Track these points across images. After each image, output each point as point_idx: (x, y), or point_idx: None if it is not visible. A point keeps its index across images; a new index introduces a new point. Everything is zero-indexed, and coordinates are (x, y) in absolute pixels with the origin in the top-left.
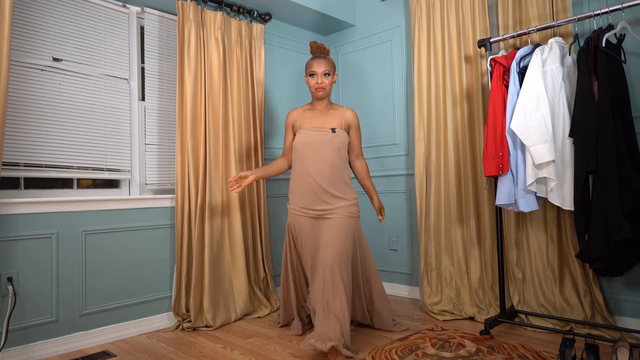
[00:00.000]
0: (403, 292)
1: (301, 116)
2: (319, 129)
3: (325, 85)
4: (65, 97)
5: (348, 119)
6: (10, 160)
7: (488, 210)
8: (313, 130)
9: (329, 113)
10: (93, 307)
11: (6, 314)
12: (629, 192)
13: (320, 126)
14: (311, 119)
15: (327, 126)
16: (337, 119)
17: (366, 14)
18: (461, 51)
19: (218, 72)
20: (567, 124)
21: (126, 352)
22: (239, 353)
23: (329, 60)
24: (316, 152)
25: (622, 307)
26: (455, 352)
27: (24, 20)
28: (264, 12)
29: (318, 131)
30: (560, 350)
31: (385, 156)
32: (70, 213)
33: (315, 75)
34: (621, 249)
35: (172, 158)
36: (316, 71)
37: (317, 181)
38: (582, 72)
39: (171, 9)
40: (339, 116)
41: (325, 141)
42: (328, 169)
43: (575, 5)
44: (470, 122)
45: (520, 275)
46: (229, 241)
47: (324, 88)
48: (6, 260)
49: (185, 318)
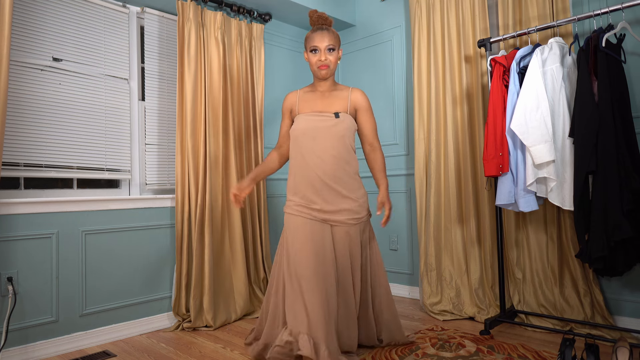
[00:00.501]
0: (403, 292)
1: (300, 99)
2: (320, 114)
3: (329, 62)
4: (65, 97)
5: (355, 101)
6: (10, 160)
7: (488, 210)
8: (313, 115)
9: (332, 95)
10: (93, 307)
11: (6, 314)
12: (629, 192)
13: (322, 110)
14: (312, 102)
15: (329, 110)
16: (342, 101)
17: (366, 14)
18: (461, 51)
19: (218, 72)
20: (567, 124)
21: (126, 352)
22: (239, 353)
23: (333, 32)
24: (316, 141)
25: (622, 307)
26: (455, 352)
27: (24, 20)
28: (264, 12)
29: (319, 116)
30: (560, 350)
31: (385, 156)
32: (70, 213)
33: (317, 51)
34: (621, 249)
35: (172, 158)
36: (319, 46)
37: (318, 175)
38: (582, 72)
39: (171, 9)
40: (344, 98)
41: (327, 127)
42: (330, 160)
43: (575, 5)
44: (470, 122)
45: (520, 275)
46: (229, 241)
47: (327, 66)
48: (6, 260)
49: (185, 318)
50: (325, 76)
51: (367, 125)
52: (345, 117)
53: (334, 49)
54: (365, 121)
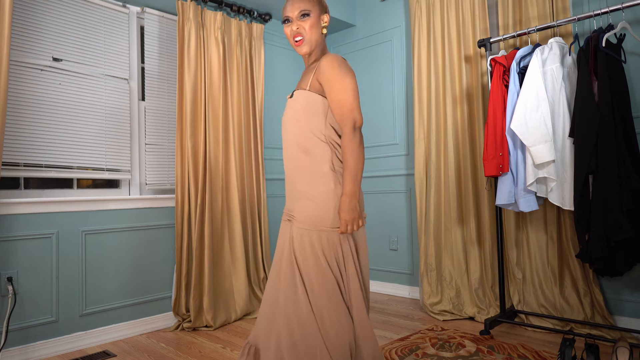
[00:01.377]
0: (403, 292)
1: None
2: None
3: (303, 32)
4: (65, 97)
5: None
6: (10, 160)
7: (488, 210)
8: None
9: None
10: (93, 307)
11: (6, 314)
12: (629, 192)
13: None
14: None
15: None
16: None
17: (366, 14)
18: (461, 51)
19: (218, 72)
20: (567, 124)
21: (126, 352)
22: (239, 353)
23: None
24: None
25: (622, 307)
26: (455, 352)
27: (24, 20)
28: (264, 12)
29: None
30: (560, 350)
31: (385, 156)
32: (70, 213)
33: (289, 20)
34: (621, 249)
35: (172, 158)
36: (290, 15)
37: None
38: (582, 72)
39: (171, 9)
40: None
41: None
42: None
43: (575, 5)
44: (470, 122)
45: (520, 275)
46: (229, 241)
47: (301, 36)
48: (6, 260)
49: (185, 318)
50: (304, 51)
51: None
52: (301, 95)
53: (307, 14)
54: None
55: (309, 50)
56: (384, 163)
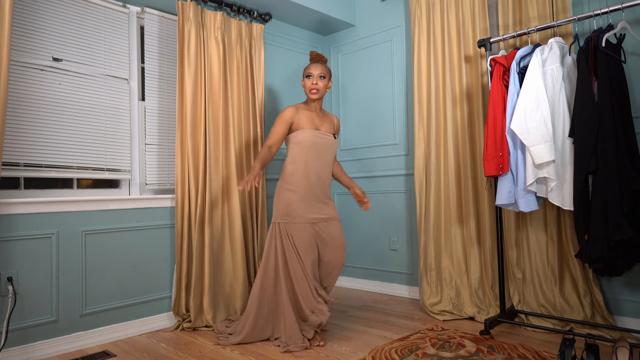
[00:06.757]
0: (403, 292)
1: (301, 114)
2: (323, 132)
3: (319, 87)
4: (65, 97)
5: (337, 127)
6: (10, 160)
7: (488, 210)
8: (318, 132)
9: (324, 117)
10: (93, 307)
11: (6, 314)
12: (628, 192)
13: (319, 128)
14: (311, 120)
15: (323, 129)
16: (331, 125)
17: (366, 14)
18: (461, 51)
19: (218, 72)
20: (567, 124)
21: (126, 352)
22: (239, 353)
23: (326, 66)
24: (320, 154)
25: (622, 307)
26: (455, 352)
27: (24, 20)
28: (264, 12)
29: (323, 134)
30: (560, 350)
31: (385, 156)
32: (70, 213)
33: (311, 76)
34: (621, 249)
35: (172, 158)
36: (312, 73)
37: (319, 184)
38: (582, 72)
39: (171, 9)
40: (331, 122)
41: (328, 145)
42: (327, 172)
43: (575, 5)
44: (470, 122)
45: (520, 275)
46: (229, 241)
47: (317, 90)
48: (6, 260)
49: (185, 318)
50: (315, 99)
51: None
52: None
53: (324, 77)
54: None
55: (318, 98)
56: (384, 163)
